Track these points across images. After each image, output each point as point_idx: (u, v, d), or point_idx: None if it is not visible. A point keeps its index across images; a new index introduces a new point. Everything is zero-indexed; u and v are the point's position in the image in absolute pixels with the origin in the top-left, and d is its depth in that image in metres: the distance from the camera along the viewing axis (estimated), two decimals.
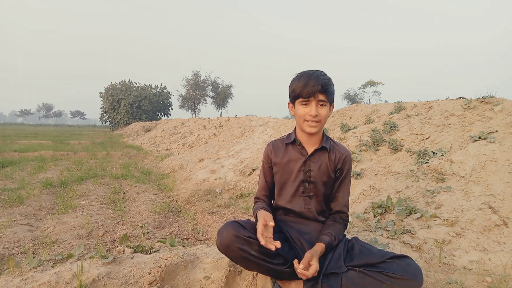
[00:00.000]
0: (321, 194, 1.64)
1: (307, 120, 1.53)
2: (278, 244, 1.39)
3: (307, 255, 1.43)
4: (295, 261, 1.42)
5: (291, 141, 1.66)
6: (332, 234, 1.55)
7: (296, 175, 1.63)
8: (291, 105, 1.61)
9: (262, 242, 1.38)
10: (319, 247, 1.49)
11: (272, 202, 1.78)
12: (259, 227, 1.43)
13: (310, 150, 1.63)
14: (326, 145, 1.62)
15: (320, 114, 1.51)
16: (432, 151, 3.34)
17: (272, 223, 1.45)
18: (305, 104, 1.52)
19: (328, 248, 1.52)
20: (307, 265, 1.39)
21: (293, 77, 1.58)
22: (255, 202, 1.74)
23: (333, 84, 1.55)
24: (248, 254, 1.43)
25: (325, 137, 1.65)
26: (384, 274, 1.34)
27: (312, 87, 1.46)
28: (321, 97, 1.49)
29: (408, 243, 2.14)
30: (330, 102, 1.54)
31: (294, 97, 1.55)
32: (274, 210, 1.74)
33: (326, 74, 1.53)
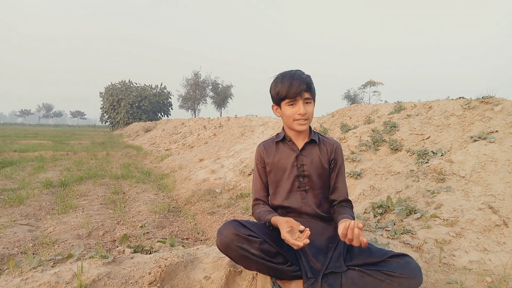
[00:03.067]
0: (317, 187, 1.65)
1: (296, 119, 1.57)
2: (307, 241, 1.31)
3: (344, 224, 1.34)
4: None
5: (281, 139, 1.70)
6: (352, 215, 1.56)
7: (290, 171, 1.65)
8: (275, 107, 1.63)
9: (293, 243, 1.31)
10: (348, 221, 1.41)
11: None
12: (286, 236, 1.36)
13: (300, 145, 1.67)
14: (315, 138, 1.67)
15: (308, 111, 1.56)
16: (432, 151, 3.34)
17: (302, 227, 1.37)
18: (292, 104, 1.56)
19: None
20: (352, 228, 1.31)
21: (273, 79, 1.61)
22: (255, 204, 1.73)
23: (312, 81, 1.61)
24: (249, 253, 1.43)
25: (312, 131, 1.69)
26: (384, 273, 1.34)
27: (297, 87, 1.51)
28: (306, 95, 1.54)
29: (408, 243, 2.14)
30: (314, 98, 1.60)
31: (279, 99, 1.57)
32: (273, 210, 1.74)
33: (305, 72, 1.59)
